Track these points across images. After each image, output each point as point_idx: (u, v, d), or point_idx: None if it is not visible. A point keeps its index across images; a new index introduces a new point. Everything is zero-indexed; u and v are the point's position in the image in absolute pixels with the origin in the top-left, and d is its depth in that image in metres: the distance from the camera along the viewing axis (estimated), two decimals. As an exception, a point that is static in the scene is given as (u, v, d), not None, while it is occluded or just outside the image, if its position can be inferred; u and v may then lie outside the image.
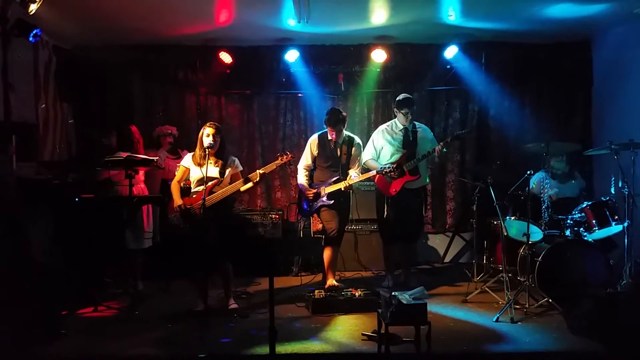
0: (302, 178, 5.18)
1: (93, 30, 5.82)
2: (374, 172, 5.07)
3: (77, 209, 4.71)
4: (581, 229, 4.69)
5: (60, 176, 5.03)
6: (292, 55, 6.27)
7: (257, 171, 4.44)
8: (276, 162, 4.60)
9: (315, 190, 5.01)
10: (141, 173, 5.29)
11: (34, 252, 4.58)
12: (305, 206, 5.13)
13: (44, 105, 5.62)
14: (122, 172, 4.90)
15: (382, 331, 3.45)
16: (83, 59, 6.17)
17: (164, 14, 5.44)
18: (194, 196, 4.45)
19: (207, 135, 4.39)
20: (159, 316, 4.41)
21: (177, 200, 4.47)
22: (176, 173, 4.69)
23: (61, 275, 4.57)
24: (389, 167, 4.94)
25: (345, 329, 4.06)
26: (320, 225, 5.23)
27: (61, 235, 4.88)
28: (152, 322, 4.28)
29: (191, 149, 6.21)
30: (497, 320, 4.17)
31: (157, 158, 5.18)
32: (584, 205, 4.74)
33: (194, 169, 4.50)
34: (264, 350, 3.43)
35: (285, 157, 4.62)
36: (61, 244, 4.87)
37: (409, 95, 5.38)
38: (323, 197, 4.97)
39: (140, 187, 5.27)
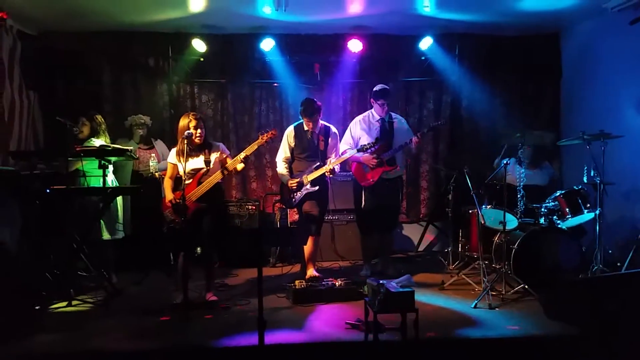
0: (282, 170, 5.12)
1: (61, 16, 5.59)
2: (354, 151, 5.05)
3: (48, 200, 4.54)
4: (555, 216, 4.81)
5: (28, 167, 4.83)
6: (267, 44, 6.18)
7: (239, 155, 4.40)
8: (257, 141, 4.49)
9: (297, 180, 4.96)
10: None
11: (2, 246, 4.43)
12: (289, 197, 5.05)
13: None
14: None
15: (370, 320, 3.46)
16: (50, 45, 5.95)
17: None
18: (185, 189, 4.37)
19: (194, 128, 4.32)
20: (136, 309, 4.31)
21: (169, 195, 4.44)
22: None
23: (32, 269, 4.42)
24: (369, 144, 4.93)
25: (328, 318, 4.05)
26: (297, 217, 5.19)
27: (32, 228, 4.71)
28: (129, 316, 4.16)
29: (164, 138, 6.13)
30: (475, 307, 4.26)
31: (131, 148, 5.04)
32: (558, 194, 4.87)
33: (180, 163, 4.41)
34: (250, 340, 3.41)
35: (266, 135, 4.50)
36: (32, 237, 4.70)
37: (386, 86, 5.40)
38: (307, 185, 4.93)
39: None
